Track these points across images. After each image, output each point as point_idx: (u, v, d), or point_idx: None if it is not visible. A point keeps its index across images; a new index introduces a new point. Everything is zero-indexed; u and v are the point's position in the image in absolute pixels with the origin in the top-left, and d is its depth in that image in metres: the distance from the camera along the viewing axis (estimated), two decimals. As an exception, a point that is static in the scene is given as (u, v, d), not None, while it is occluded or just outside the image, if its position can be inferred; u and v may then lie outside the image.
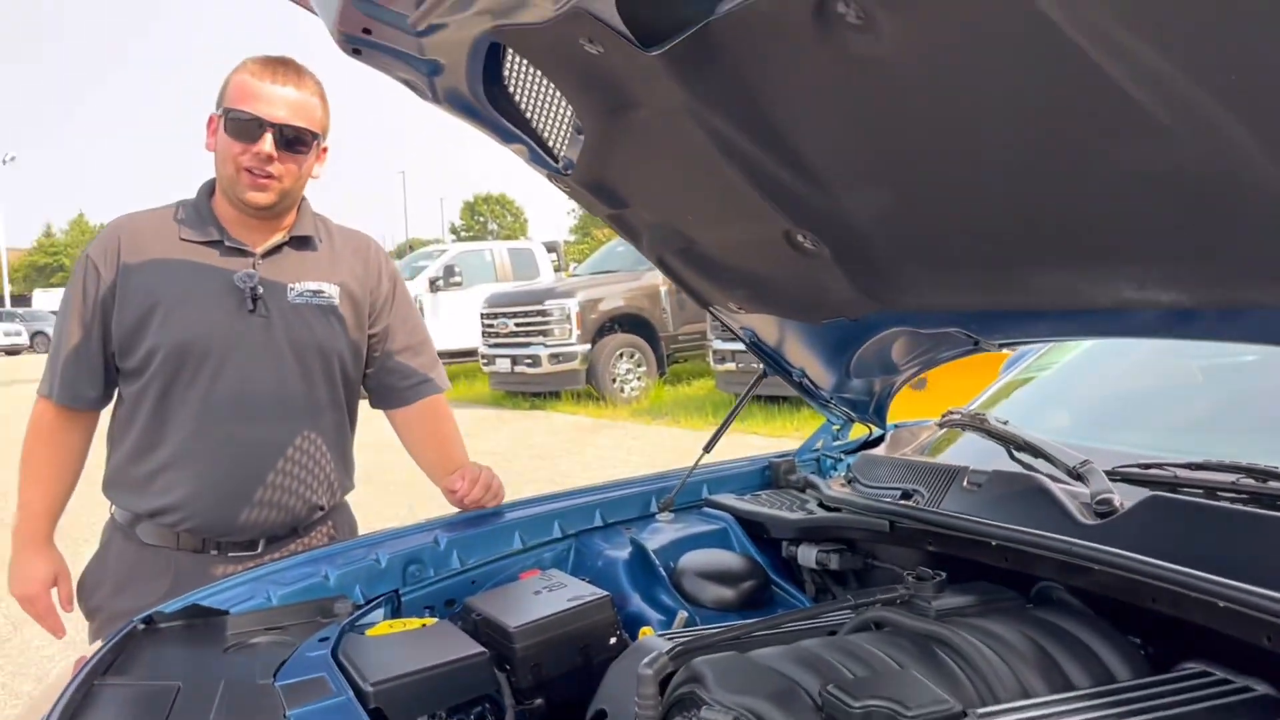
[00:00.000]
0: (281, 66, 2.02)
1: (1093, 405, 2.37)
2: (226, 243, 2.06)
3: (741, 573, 1.90)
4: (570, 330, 13.38)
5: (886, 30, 1.21)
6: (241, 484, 2.04)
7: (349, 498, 2.32)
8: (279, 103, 1.98)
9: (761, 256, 1.87)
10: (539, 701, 1.63)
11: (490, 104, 1.81)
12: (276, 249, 2.10)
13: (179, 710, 1.43)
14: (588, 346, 13.40)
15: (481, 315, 14.35)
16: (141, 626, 1.77)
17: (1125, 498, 1.53)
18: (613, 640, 1.71)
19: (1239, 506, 1.42)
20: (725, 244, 1.91)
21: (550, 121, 1.85)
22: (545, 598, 1.75)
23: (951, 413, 2.24)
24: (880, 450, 2.37)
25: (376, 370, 2.24)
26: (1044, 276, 1.46)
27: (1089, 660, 1.35)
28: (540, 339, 13.53)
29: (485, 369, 14.53)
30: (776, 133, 1.52)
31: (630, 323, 13.70)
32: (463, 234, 74.74)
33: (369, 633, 1.74)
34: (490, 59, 1.73)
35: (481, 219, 75.36)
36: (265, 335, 2.04)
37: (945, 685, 1.26)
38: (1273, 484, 1.46)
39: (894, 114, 1.35)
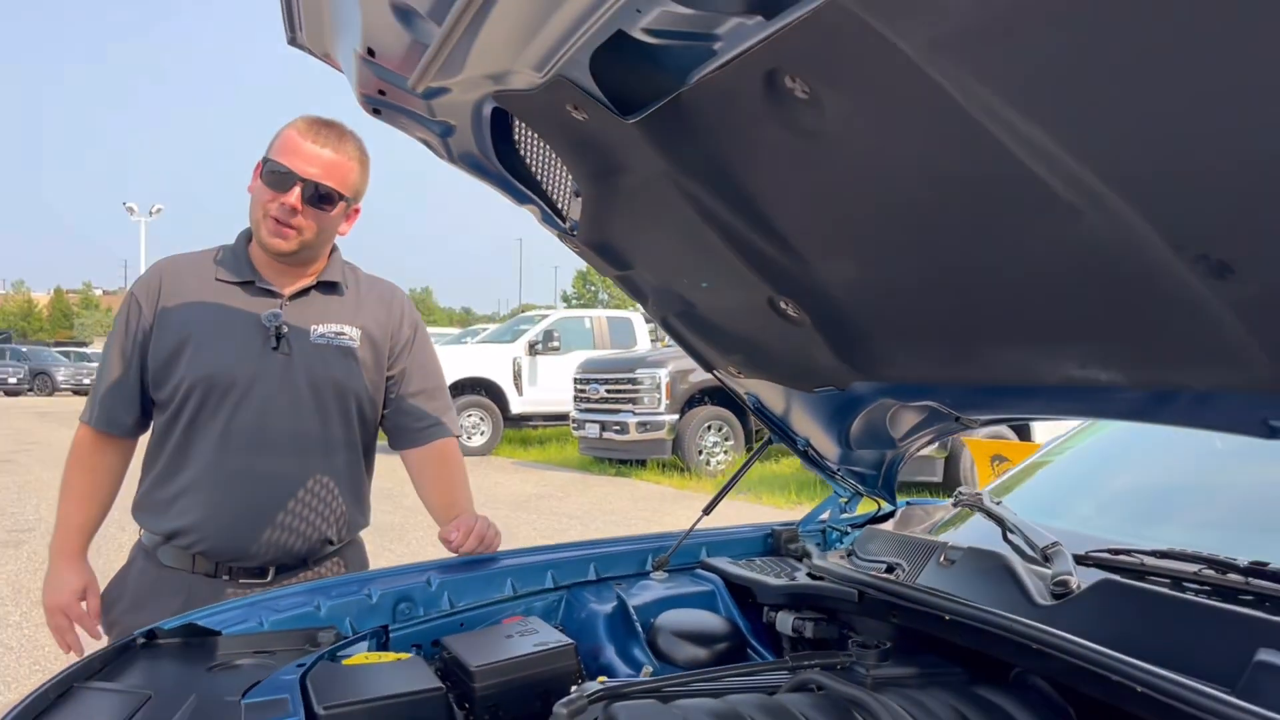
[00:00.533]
0: (325, 128, 2.17)
1: (1117, 495, 2.32)
2: (257, 284, 2.20)
3: (717, 634, 1.92)
4: (659, 400, 13.46)
5: (829, 105, 1.26)
6: (254, 512, 2.15)
7: (364, 534, 2.41)
8: (314, 160, 2.12)
9: (751, 322, 1.91)
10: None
11: (501, 164, 1.92)
12: (303, 292, 2.23)
13: (141, 716, 1.51)
14: (676, 417, 13.45)
15: (575, 380, 14.55)
16: (142, 640, 1.88)
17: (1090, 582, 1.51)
18: (573, 688, 1.73)
19: (1190, 596, 1.39)
20: (718, 309, 1.96)
21: (556, 184, 1.95)
22: (514, 641, 1.80)
23: (961, 492, 2.22)
24: (888, 526, 2.36)
25: (392, 411, 2.34)
26: (998, 352, 1.47)
27: (1015, 740, 1.33)
28: (629, 406, 13.63)
29: (575, 433, 14.69)
30: (749, 201, 1.58)
31: (720, 396, 13.71)
32: (573, 302, 76.10)
33: (345, 662, 1.81)
34: (500, 121, 1.84)
35: (593, 288, 76.57)
36: (286, 372, 2.17)
37: (854, 750, 1.26)
38: (1232, 576, 1.42)
39: (843, 186, 1.40)
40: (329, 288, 2.28)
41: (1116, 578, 1.45)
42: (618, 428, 13.73)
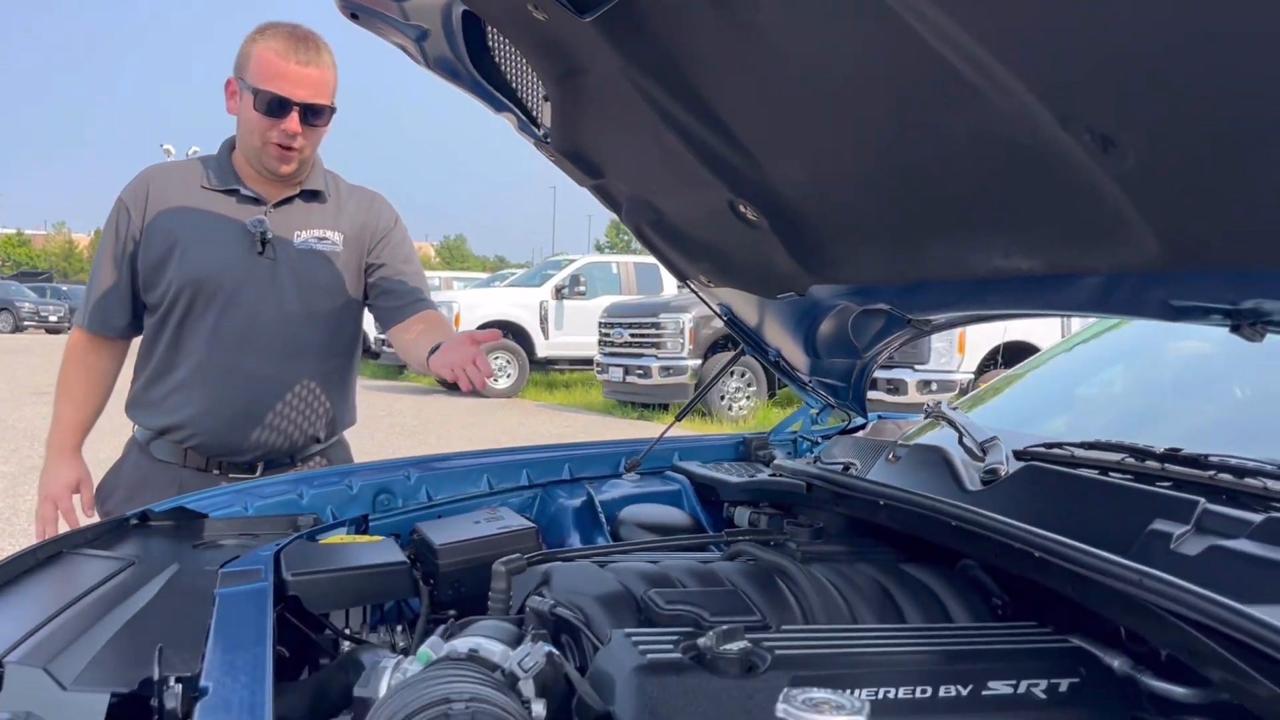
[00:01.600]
0: (302, 43, 2.21)
1: (1085, 406, 2.37)
2: (243, 191, 2.29)
3: (678, 527, 2.00)
4: (683, 344, 13.51)
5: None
6: (243, 409, 2.26)
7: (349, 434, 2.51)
8: (304, 81, 2.19)
9: (715, 228, 1.97)
10: (451, 614, 1.76)
11: (477, 70, 1.97)
12: (287, 200, 2.32)
13: (122, 577, 1.62)
14: (699, 362, 13.50)
15: (600, 324, 14.63)
16: (135, 521, 2.00)
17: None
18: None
19: (1104, 479, 1.45)
20: (685, 216, 2.02)
21: (529, 91, 2.00)
22: (480, 526, 1.89)
23: (929, 404, 2.29)
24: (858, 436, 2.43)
25: (375, 295, 2.41)
26: (931, 247, 1.53)
27: (930, 606, 1.40)
28: (653, 351, 13.70)
29: (599, 377, 14.80)
30: (701, 100, 1.64)
31: (743, 341, 13.72)
32: (606, 250, 75.96)
33: (321, 541, 1.92)
34: (473, 28, 1.90)
35: (626, 237, 76.29)
36: (271, 276, 2.26)
37: (772, 607, 1.34)
38: (1149, 463, 1.48)
39: (783, 84, 1.45)
40: (312, 195, 2.36)
41: (1040, 464, 1.52)
42: (641, 372, 13.82)
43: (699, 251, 2.11)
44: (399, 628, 1.79)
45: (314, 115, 2.22)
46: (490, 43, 1.96)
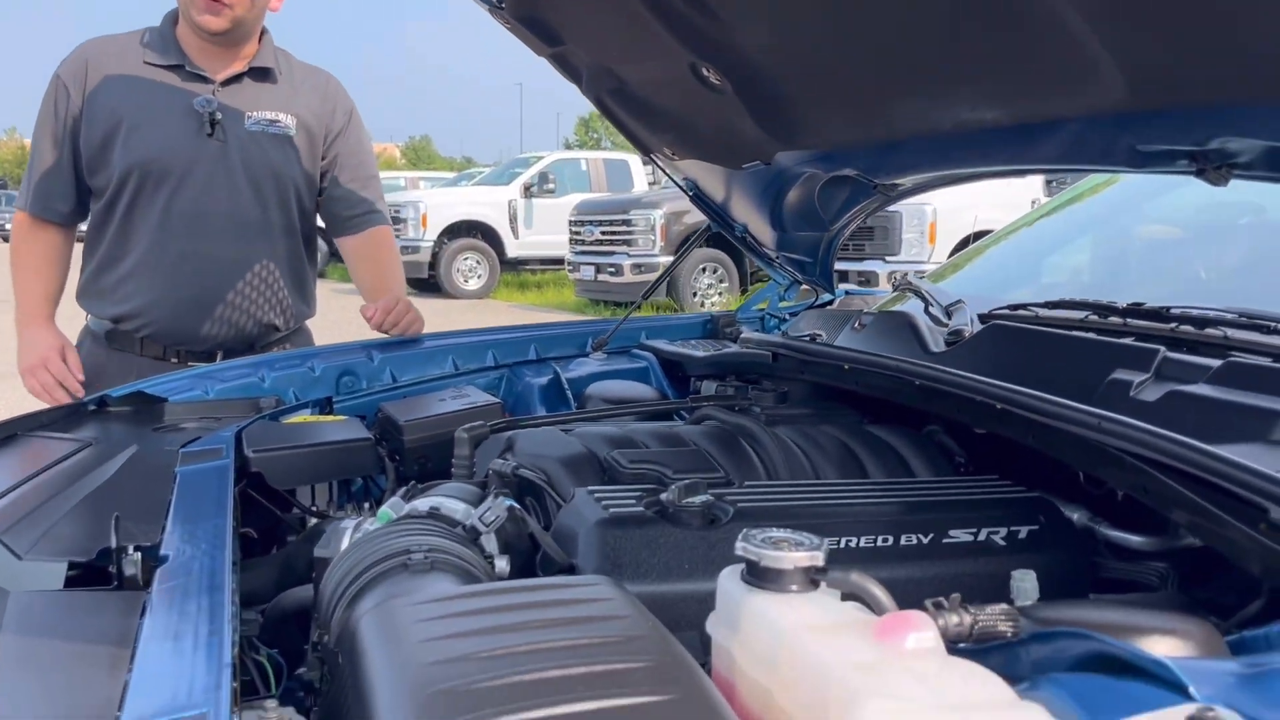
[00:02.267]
0: None
1: (1052, 270, 2.38)
2: (187, 68, 2.19)
3: (641, 401, 1.99)
4: (654, 241, 13.40)
5: None
6: (197, 296, 2.21)
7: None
8: None
9: (678, 94, 1.92)
10: (414, 482, 1.75)
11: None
12: (236, 79, 2.23)
13: (80, 457, 1.60)
14: (670, 258, 13.41)
15: (570, 222, 14.47)
16: (92, 407, 1.96)
17: (987, 333, 1.57)
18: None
19: (1066, 333, 1.45)
20: (647, 82, 1.96)
21: (483, -46, 1.92)
22: (445, 403, 1.88)
23: (896, 276, 2.28)
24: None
25: (326, 199, 2.36)
26: (897, 104, 1.49)
27: (893, 463, 1.41)
28: (624, 248, 13.60)
29: (571, 276, 14.71)
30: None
31: (715, 238, 13.60)
32: (575, 149, 74.86)
33: (285, 420, 1.90)
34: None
35: (596, 135, 75.13)
36: (222, 159, 2.18)
37: (735, 465, 1.34)
38: (1113, 319, 1.48)
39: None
40: (262, 74, 2.27)
41: (1002, 323, 1.51)
42: (612, 269, 13.73)
43: (663, 122, 2.06)
44: (366, 505, 1.78)
45: None
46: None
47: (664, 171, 2.29)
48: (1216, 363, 1.20)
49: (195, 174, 2.17)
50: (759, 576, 0.84)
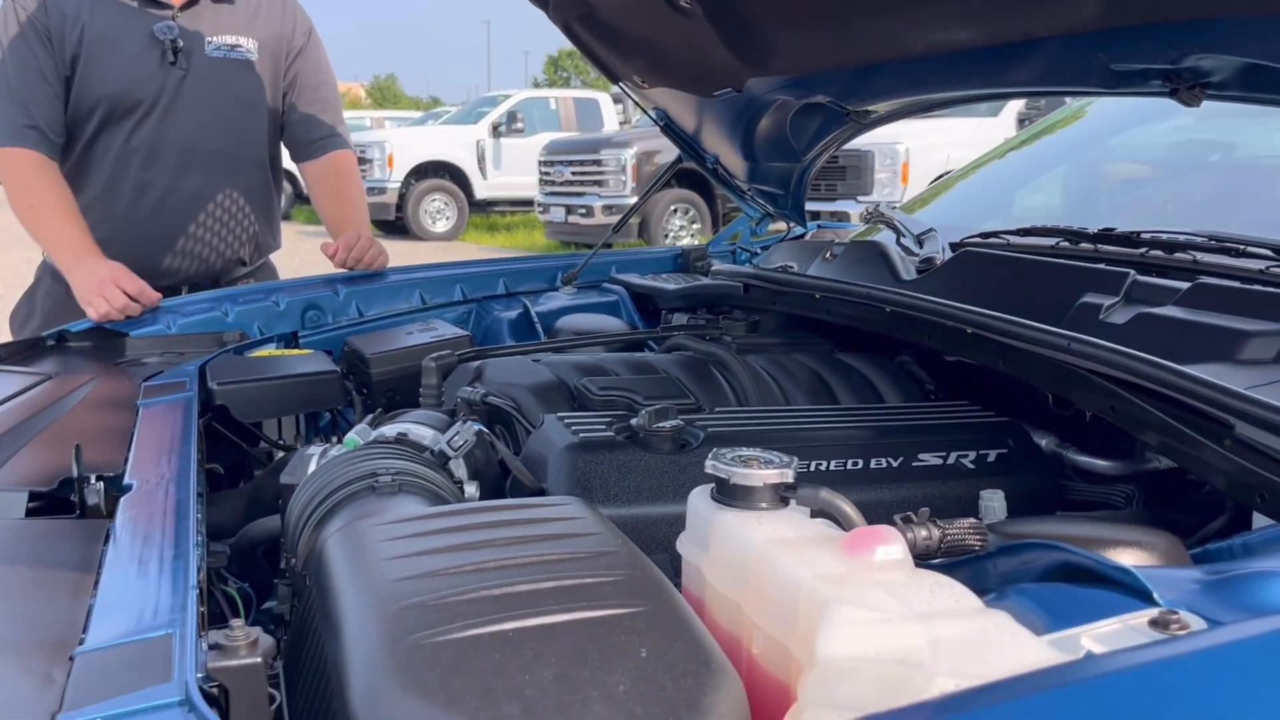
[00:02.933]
0: None
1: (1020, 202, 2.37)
2: None
3: (612, 333, 1.98)
4: (625, 182, 13.28)
5: None
6: (158, 230, 2.16)
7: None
8: None
9: (648, 19, 1.88)
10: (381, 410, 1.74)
11: None
12: (194, 2, 2.15)
13: (39, 389, 1.57)
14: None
15: (539, 163, 14.31)
16: (51, 342, 1.93)
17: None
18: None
19: (1035, 258, 1.45)
20: (615, 6, 1.92)
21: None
22: (413, 336, 1.86)
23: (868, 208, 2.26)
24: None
25: (285, 123, 2.30)
26: (869, 24, 1.46)
27: (864, 389, 1.41)
28: (595, 189, 13.48)
29: (541, 217, 14.58)
30: None
31: (686, 177, 13.55)
32: (544, 87, 73.76)
33: (250, 355, 1.87)
34: None
35: (565, 74, 74.07)
36: (183, 88, 2.12)
37: (706, 392, 1.33)
38: (1083, 245, 1.48)
39: None
40: None
41: (973, 250, 1.51)
42: (583, 211, 13.61)
43: (632, 48, 2.01)
44: (334, 438, 1.77)
45: None
46: None
47: (634, 101, 2.26)
48: (1185, 284, 1.20)
49: (159, 106, 2.11)
50: (729, 494, 0.84)
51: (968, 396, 1.47)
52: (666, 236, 13.41)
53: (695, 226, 13.65)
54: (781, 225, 2.50)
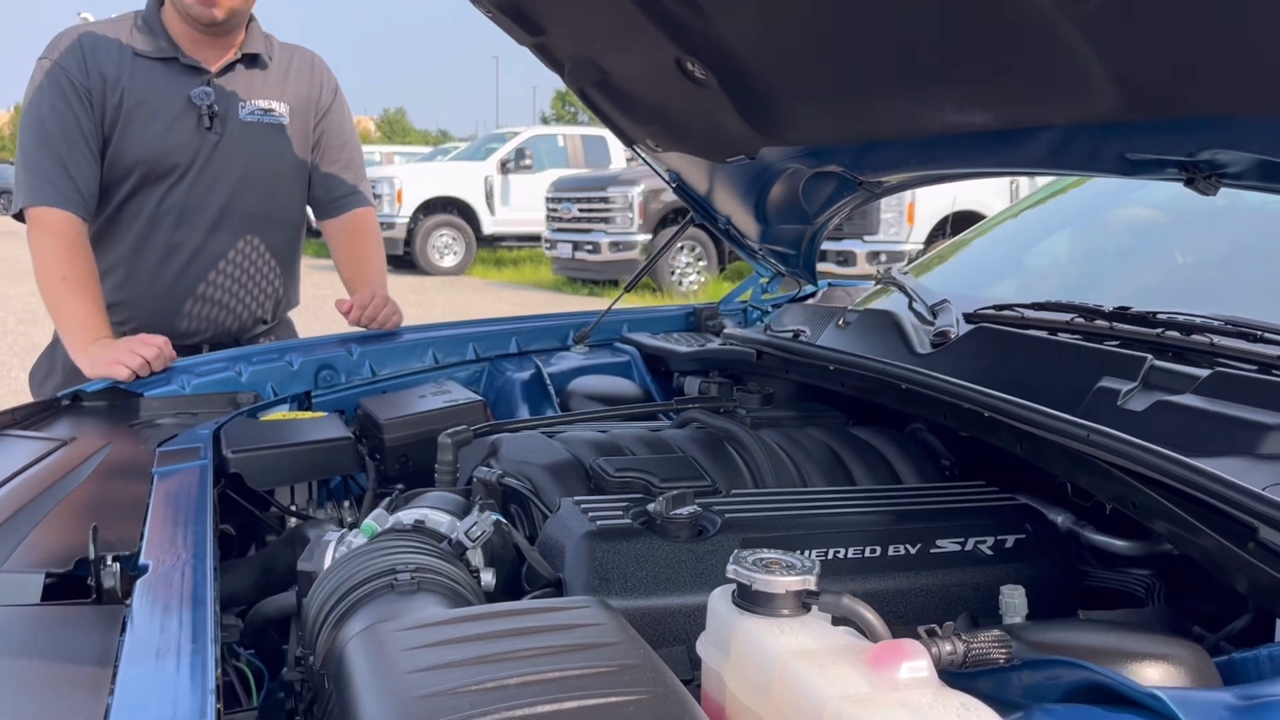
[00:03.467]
0: None
1: (1034, 267, 2.38)
2: (182, 60, 2.14)
3: (625, 397, 1.98)
4: (632, 219, 13.35)
5: None
6: (184, 289, 2.17)
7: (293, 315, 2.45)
8: None
9: (662, 87, 1.90)
10: (398, 488, 1.74)
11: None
12: (229, 67, 2.18)
13: (55, 458, 1.57)
14: (648, 236, 13.36)
15: (547, 199, 14.39)
16: (66, 402, 1.93)
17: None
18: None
19: (1053, 338, 1.45)
20: (630, 74, 1.94)
21: (464, -59, 1.88)
22: (426, 400, 1.86)
23: (880, 269, 2.27)
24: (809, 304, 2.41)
25: (311, 179, 2.32)
26: (885, 103, 1.48)
27: (879, 467, 1.41)
28: (602, 226, 13.54)
29: (548, 253, 14.63)
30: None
31: (693, 215, 13.59)
32: (552, 122, 74.35)
33: (263, 418, 1.88)
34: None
35: (572, 109, 74.62)
36: (219, 153, 2.14)
37: (721, 472, 1.33)
38: (1098, 322, 1.48)
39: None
40: (253, 60, 2.22)
41: (989, 325, 1.51)
42: (590, 247, 13.67)
43: (646, 114, 2.03)
44: (346, 503, 1.77)
45: None
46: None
47: (647, 162, 2.27)
48: (1204, 372, 1.20)
49: (194, 170, 2.13)
50: (750, 600, 0.84)
51: (983, 468, 1.47)
52: (673, 274, 13.46)
53: (702, 264, 13.69)
54: (792, 282, 2.51)
